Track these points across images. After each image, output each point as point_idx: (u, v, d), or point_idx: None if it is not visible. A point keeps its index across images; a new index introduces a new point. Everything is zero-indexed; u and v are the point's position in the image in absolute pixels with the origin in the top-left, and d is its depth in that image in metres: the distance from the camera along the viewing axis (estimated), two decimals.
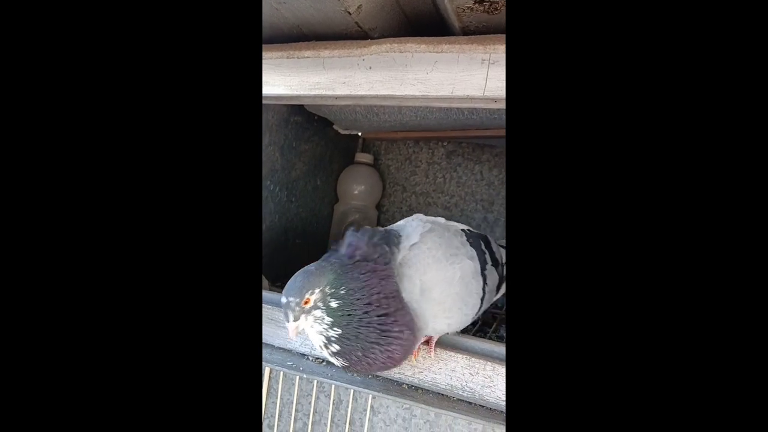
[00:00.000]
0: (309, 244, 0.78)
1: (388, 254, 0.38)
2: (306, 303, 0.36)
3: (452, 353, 0.40)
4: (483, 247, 0.46)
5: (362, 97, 0.45)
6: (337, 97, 0.47)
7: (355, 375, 0.44)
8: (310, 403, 0.51)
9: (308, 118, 0.72)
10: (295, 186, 0.73)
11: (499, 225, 0.79)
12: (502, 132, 0.71)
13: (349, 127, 0.75)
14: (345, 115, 0.65)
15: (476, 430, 0.46)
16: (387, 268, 0.37)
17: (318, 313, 0.36)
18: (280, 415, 0.52)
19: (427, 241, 0.40)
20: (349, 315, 0.36)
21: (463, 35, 0.42)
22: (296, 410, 0.52)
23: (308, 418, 0.51)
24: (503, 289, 0.49)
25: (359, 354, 0.36)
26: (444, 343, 0.42)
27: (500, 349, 0.41)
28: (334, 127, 0.76)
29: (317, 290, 0.36)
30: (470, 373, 0.39)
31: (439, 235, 0.41)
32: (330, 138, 0.79)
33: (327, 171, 0.81)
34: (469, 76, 0.40)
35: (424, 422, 0.48)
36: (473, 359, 0.39)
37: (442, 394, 0.41)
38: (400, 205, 0.86)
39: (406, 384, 0.42)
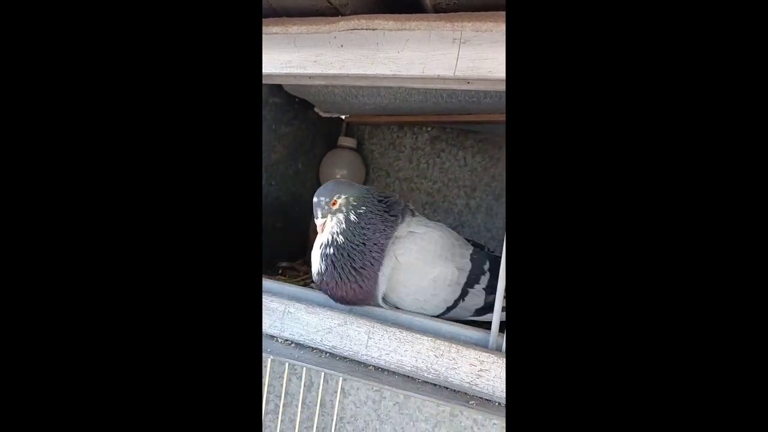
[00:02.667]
0: (289, 228, 0.77)
1: (398, 219, 0.43)
2: (333, 204, 0.42)
3: (418, 335, 0.40)
4: (486, 267, 0.47)
5: (334, 76, 0.44)
6: (310, 77, 0.46)
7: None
8: (281, 385, 0.51)
9: (288, 100, 0.70)
10: (275, 170, 0.72)
11: (480, 212, 0.79)
12: (486, 117, 0.70)
13: (330, 110, 0.74)
14: (324, 96, 0.64)
15: (444, 412, 0.47)
16: (393, 224, 0.42)
17: (341, 216, 0.42)
18: None
19: (426, 235, 0.44)
20: (353, 235, 0.41)
21: (435, 13, 0.41)
22: (268, 392, 0.52)
23: (280, 400, 0.51)
24: (488, 317, 0.50)
25: (339, 273, 0.41)
26: (410, 326, 0.42)
27: (465, 331, 0.41)
28: (315, 109, 0.75)
29: (344, 196, 0.42)
30: (435, 356, 0.39)
31: (441, 235, 0.45)
32: (312, 121, 0.78)
33: (309, 155, 0.80)
34: (440, 55, 0.40)
35: (394, 404, 0.48)
36: (438, 341, 0.39)
37: (408, 376, 0.41)
38: (383, 189, 0.86)
39: (373, 366, 0.42)
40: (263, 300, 0.47)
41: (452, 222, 0.81)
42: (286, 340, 0.46)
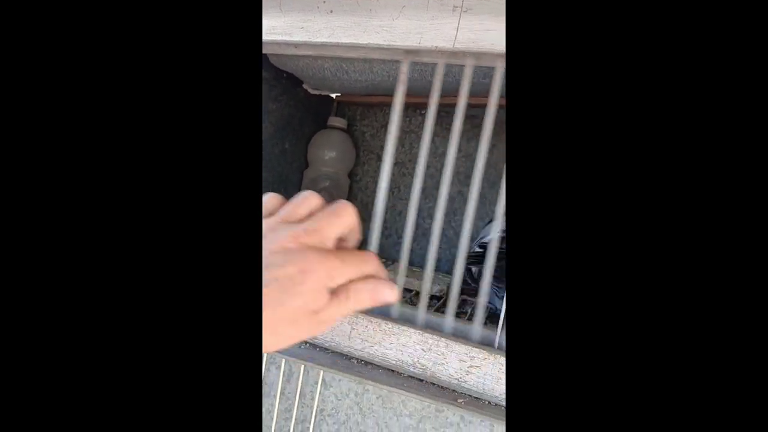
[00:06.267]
0: None
1: None
2: None
3: (404, 327, 0.37)
4: None
5: (322, 45, 0.41)
6: (296, 45, 0.42)
7: (302, 346, 0.42)
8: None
9: (276, 75, 0.66)
10: (261, 148, 0.68)
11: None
12: (484, 101, 0.67)
13: (319, 87, 0.71)
14: (313, 71, 0.60)
15: (429, 407, 0.44)
16: None
17: None
18: None
19: None
20: None
21: None
22: None
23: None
24: None
25: None
26: (395, 317, 0.39)
27: (458, 326, 0.38)
28: (304, 86, 0.71)
29: None
30: (422, 349, 0.37)
31: None
32: (300, 99, 0.74)
33: (297, 134, 0.76)
34: (439, 24, 0.36)
35: (377, 397, 0.46)
36: (426, 335, 0.37)
37: (392, 370, 0.38)
38: (374, 174, 0.83)
39: (356, 359, 0.39)
40: None
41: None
42: None
